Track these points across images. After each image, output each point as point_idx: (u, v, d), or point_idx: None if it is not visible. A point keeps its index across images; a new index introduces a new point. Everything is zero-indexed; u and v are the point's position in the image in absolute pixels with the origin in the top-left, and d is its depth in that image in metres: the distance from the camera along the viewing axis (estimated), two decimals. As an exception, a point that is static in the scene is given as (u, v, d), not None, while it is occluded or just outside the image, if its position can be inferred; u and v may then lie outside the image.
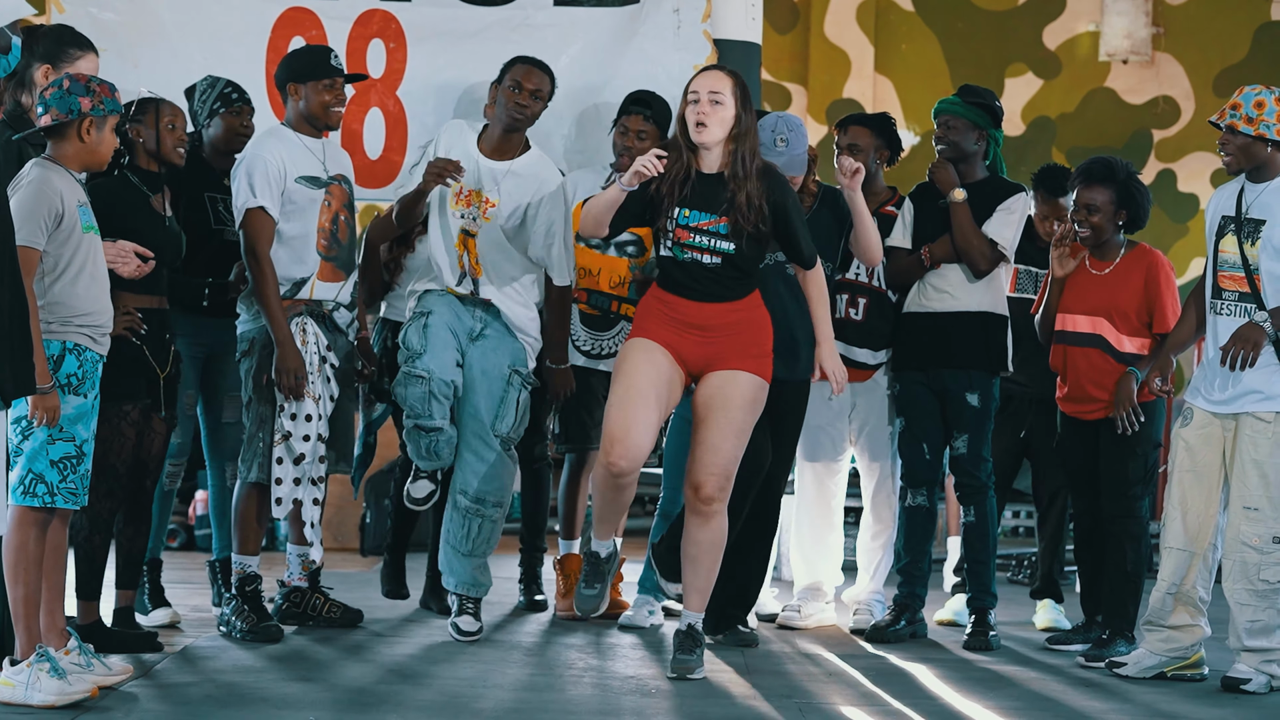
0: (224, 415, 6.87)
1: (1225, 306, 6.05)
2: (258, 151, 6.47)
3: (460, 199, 6.58)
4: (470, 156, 6.59)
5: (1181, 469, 6.15)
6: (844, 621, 7.33)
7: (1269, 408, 5.96)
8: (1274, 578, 5.96)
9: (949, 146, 6.97)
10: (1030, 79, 12.85)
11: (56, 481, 5.24)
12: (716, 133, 5.80)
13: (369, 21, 7.43)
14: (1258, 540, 5.96)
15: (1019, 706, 5.63)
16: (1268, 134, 5.98)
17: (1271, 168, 6.03)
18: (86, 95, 5.34)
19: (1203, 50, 12.85)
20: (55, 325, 5.25)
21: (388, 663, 6.09)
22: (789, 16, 12.83)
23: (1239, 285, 6.02)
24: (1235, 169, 6.07)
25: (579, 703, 5.45)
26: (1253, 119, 5.98)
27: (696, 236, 5.78)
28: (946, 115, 6.98)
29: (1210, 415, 6.08)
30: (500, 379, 6.54)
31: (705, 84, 5.82)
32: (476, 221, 6.57)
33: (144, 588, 6.77)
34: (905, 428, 7.05)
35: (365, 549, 9.99)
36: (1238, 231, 6.03)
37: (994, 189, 6.95)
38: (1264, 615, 5.97)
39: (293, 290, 6.48)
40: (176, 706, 5.20)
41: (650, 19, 7.52)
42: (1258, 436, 5.97)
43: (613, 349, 7.06)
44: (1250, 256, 5.99)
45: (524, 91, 6.59)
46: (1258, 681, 5.95)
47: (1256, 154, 6.02)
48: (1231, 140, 6.03)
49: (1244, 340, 5.91)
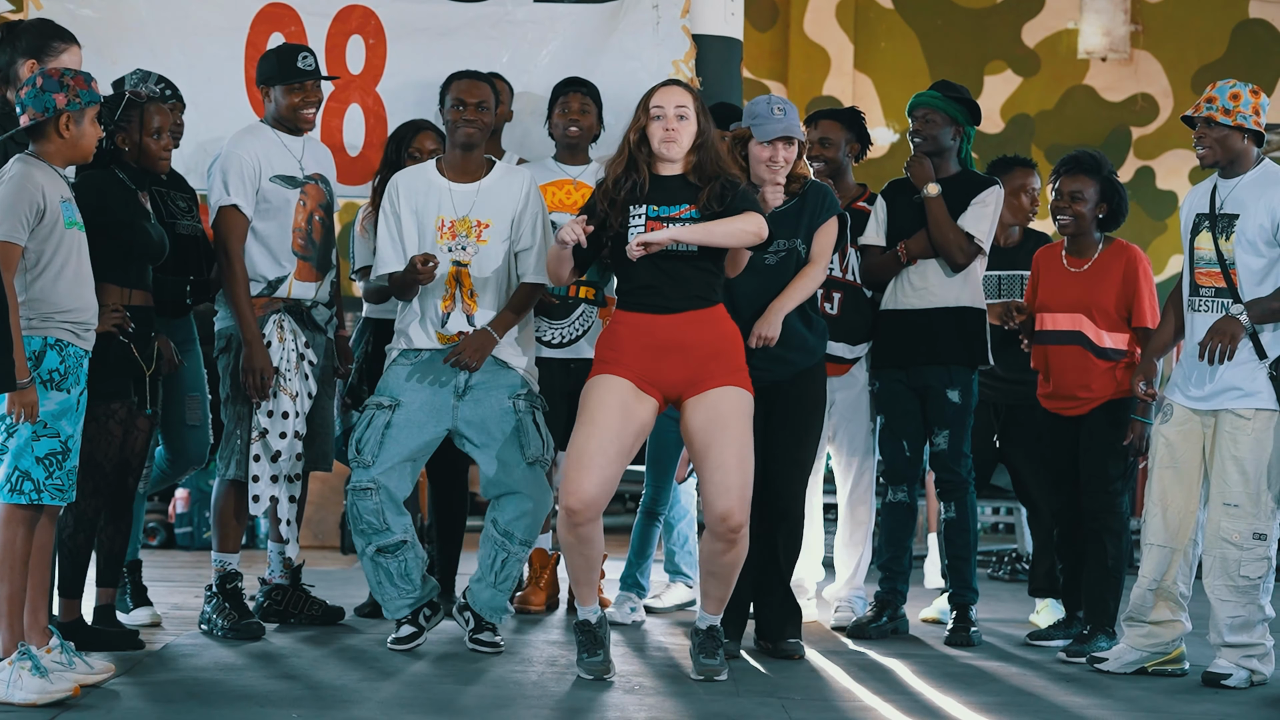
0: (186, 418, 6.73)
1: (1203, 303, 6.07)
2: (233, 149, 6.46)
3: (445, 232, 6.31)
4: (437, 186, 6.36)
5: (1162, 465, 6.16)
6: (825, 618, 7.34)
7: (1249, 404, 5.97)
8: (1254, 573, 5.98)
9: (926, 140, 6.96)
10: (1009, 76, 12.90)
11: (43, 478, 5.22)
12: (685, 146, 5.82)
13: (348, 18, 7.42)
14: (1238, 536, 5.98)
15: (999, 702, 5.64)
16: (1245, 124, 6.01)
17: (1244, 161, 6.06)
18: (61, 91, 5.31)
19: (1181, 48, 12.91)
20: (36, 321, 5.23)
21: (369, 660, 6.08)
22: (769, 14, 12.86)
23: (1215, 281, 6.04)
24: (1211, 162, 6.09)
25: (561, 699, 5.44)
26: (1229, 110, 6.01)
27: (670, 225, 5.76)
28: (925, 109, 6.97)
29: (1190, 412, 6.10)
30: (507, 416, 6.28)
31: (670, 99, 5.81)
32: (468, 250, 6.31)
33: (125, 587, 6.75)
34: (885, 425, 7.05)
35: (345, 546, 9.99)
36: (1212, 228, 6.05)
37: (967, 183, 6.95)
38: (1244, 611, 5.99)
39: (269, 289, 6.47)
40: (158, 704, 5.19)
41: (629, 15, 7.51)
42: (1237, 433, 5.98)
43: (572, 336, 6.99)
44: (1225, 252, 6.01)
45: (469, 107, 6.35)
46: (1238, 677, 5.96)
47: (1233, 146, 6.04)
48: (1209, 133, 6.05)
49: (1221, 333, 5.93)
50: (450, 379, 6.28)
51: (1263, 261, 5.97)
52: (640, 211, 5.78)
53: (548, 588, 7.40)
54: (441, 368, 6.27)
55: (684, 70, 7.37)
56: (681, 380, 5.75)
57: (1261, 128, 6.06)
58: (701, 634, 5.87)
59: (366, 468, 6.19)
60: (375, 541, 6.22)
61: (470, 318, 6.29)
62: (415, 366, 6.31)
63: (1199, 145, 6.08)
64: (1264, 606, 6.00)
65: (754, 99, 6.48)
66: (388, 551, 6.23)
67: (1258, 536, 5.98)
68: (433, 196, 6.33)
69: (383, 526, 6.19)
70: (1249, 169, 6.06)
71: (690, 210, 5.76)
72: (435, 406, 6.27)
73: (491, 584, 6.32)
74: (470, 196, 6.35)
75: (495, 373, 6.30)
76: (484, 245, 6.32)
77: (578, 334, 6.98)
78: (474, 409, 6.27)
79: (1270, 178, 6.04)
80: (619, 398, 5.73)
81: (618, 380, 5.75)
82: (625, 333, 5.80)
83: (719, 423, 5.71)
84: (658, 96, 5.84)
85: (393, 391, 6.29)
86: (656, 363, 5.74)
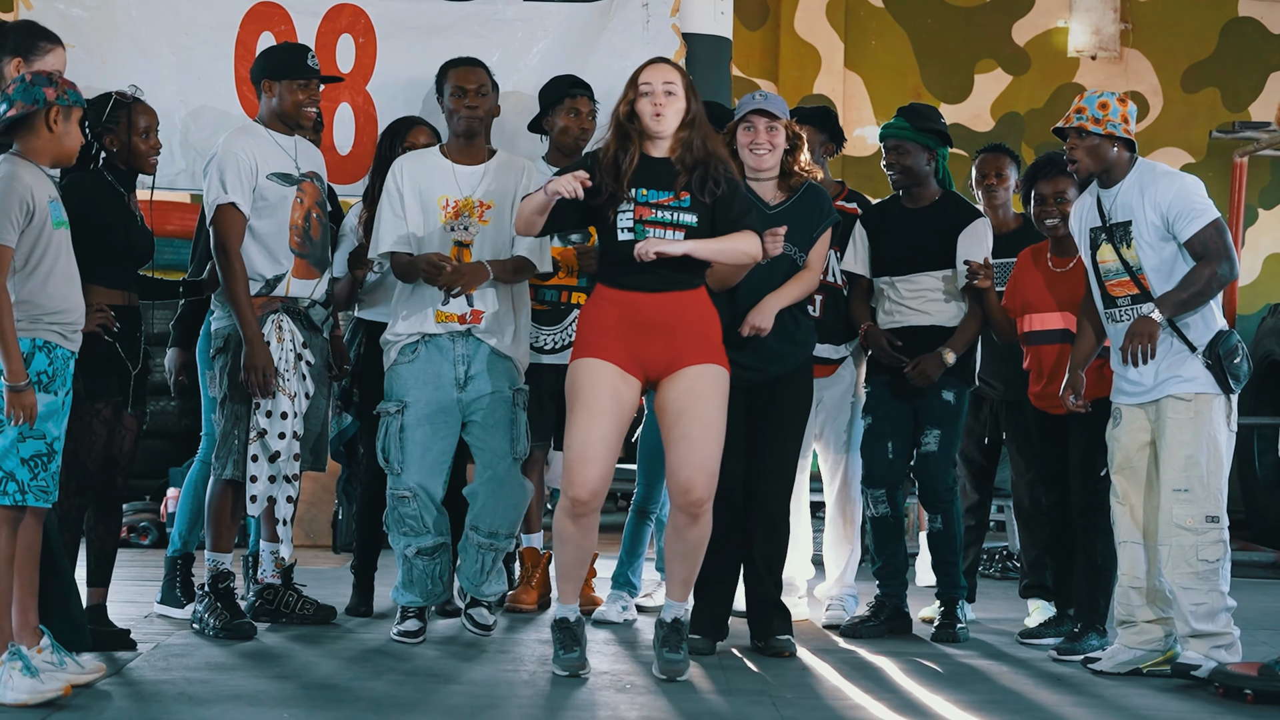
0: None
1: (1122, 313, 6.13)
2: (229, 148, 6.45)
3: (448, 212, 6.42)
4: (442, 168, 6.48)
5: (1119, 469, 6.23)
6: (816, 616, 7.34)
7: (1188, 389, 6.02)
8: (1213, 556, 6.00)
9: (901, 173, 7.00)
10: (999, 75, 12.89)
11: (28, 480, 5.22)
12: (673, 122, 5.82)
13: (338, 17, 7.42)
14: (1191, 521, 6.00)
15: (990, 700, 5.64)
16: (1115, 132, 6.06)
17: (1119, 168, 6.13)
18: (51, 86, 5.31)
19: (1170, 46, 12.92)
20: (25, 323, 5.21)
21: (360, 660, 6.08)
22: (760, 12, 12.85)
23: (1129, 289, 6.11)
24: (1084, 172, 6.15)
25: (553, 698, 5.45)
26: (1099, 119, 6.07)
27: (659, 212, 5.77)
28: (895, 140, 7.00)
29: (1136, 409, 6.13)
30: (506, 405, 6.44)
31: (658, 75, 5.84)
32: (470, 230, 6.41)
33: (175, 582, 6.89)
34: (871, 426, 7.05)
35: (338, 546, 9.96)
36: (1110, 239, 6.09)
37: (954, 208, 7.00)
38: (1207, 598, 5.99)
39: (267, 287, 6.46)
40: (149, 704, 5.18)
41: (619, 13, 7.53)
42: (1179, 418, 6.02)
43: (564, 343, 7.01)
44: (1130, 259, 6.07)
45: (469, 94, 6.49)
46: (1207, 667, 5.95)
47: (1104, 154, 6.11)
48: (1080, 143, 6.11)
49: (1139, 335, 5.97)
50: (451, 372, 6.39)
51: (1164, 258, 6.03)
52: (629, 195, 5.78)
53: (539, 587, 7.40)
54: (441, 361, 6.38)
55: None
56: (664, 360, 5.79)
57: (1131, 135, 6.11)
58: (666, 626, 5.87)
59: (398, 475, 6.37)
60: (415, 544, 6.41)
61: (470, 298, 6.38)
62: (414, 364, 6.39)
63: (1070, 155, 6.13)
64: (1225, 594, 6.02)
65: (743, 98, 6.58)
66: (426, 554, 6.42)
67: (1210, 520, 6.00)
68: (437, 177, 6.44)
69: (422, 530, 6.39)
70: (1126, 174, 6.12)
71: (682, 198, 5.77)
72: (442, 404, 6.39)
73: (481, 583, 6.50)
74: (474, 178, 6.48)
75: (493, 361, 6.43)
76: (485, 226, 6.43)
77: (570, 340, 6.98)
78: (476, 394, 6.41)
79: (1148, 175, 6.10)
80: (610, 385, 5.76)
81: (605, 366, 5.77)
82: (610, 310, 5.82)
83: (693, 395, 5.75)
84: (646, 73, 5.85)
85: (399, 394, 6.41)
86: (641, 341, 5.77)
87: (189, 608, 6.81)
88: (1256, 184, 12.82)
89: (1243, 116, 12.69)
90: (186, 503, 7.01)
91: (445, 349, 6.41)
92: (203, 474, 6.95)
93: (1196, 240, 5.97)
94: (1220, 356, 6.00)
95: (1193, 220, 5.98)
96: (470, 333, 6.42)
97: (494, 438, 6.41)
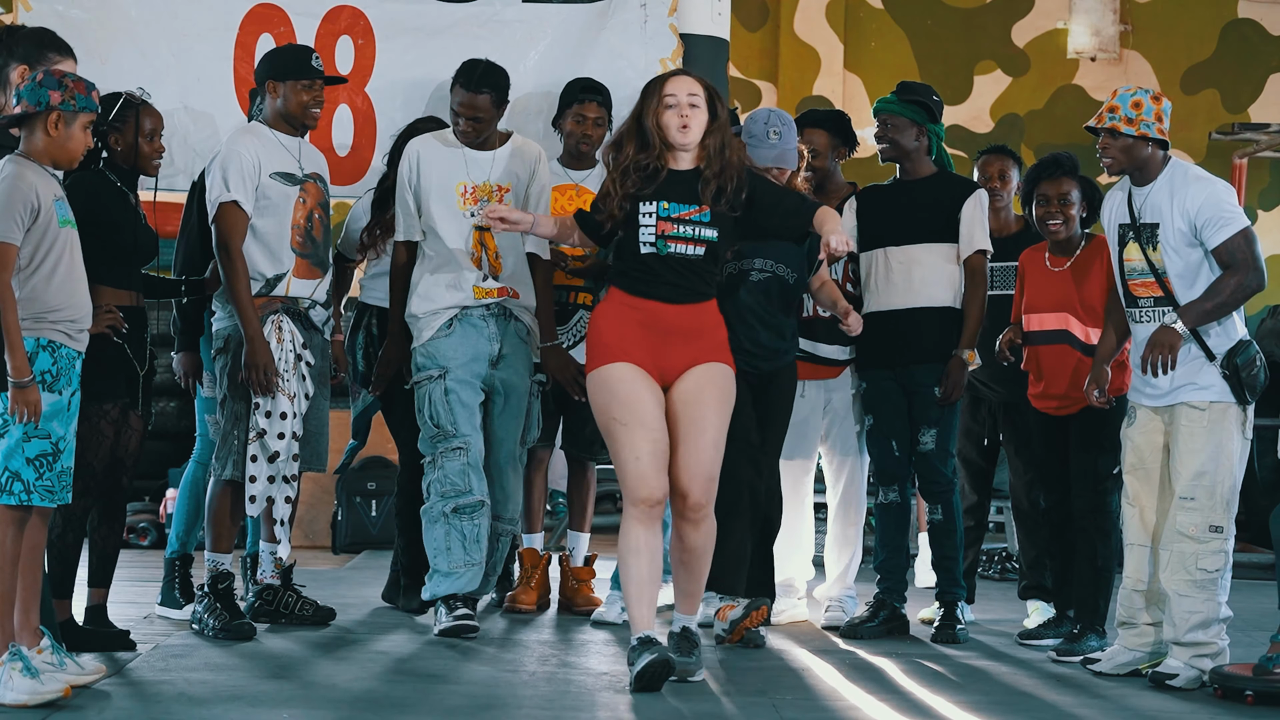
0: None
1: (1144, 314, 6.10)
2: (233, 147, 6.46)
3: (467, 198, 6.54)
4: (456, 153, 6.58)
5: (1130, 468, 6.20)
6: (816, 617, 7.34)
7: (1203, 397, 5.98)
8: (1212, 566, 5.98)
9: (890, 145, 7.05)
10: (999, 76, 12.90)
11: (33, 479, 5.21)
12: (697, 135, 5.78)
13: (337, 18, 7.43)
14: (1194, 529, 5.98)
15: (989, 701, 5.64)
16: (1149, 133, 6.01)
17: (1152, 168, 6.07)
18: (58, 89, 5.30)
19: (1170, 47, 12.93)
20: (29, 322, 5.20)
21: (359, 660, 6.08)
22: (759, 14, 12.86)
23: (1152, 290, 6.06)
24: (1116, 171, 6.11)
25: (551, 699, 5.45)
26: (1133, 119, 6.01)
27: (680, 227, 5.74)
28: (885, 114, 7.08)
29: (1151, 411, 6.11)
30: (526, 394, 6.65)
31: (682, 88, 5.78)
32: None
33: (174, 583, 6.89)
34: (873, 425, 7.06)
35: (337, 547, 9.98)
36: (1137, 238, 6.06)
37: (949, 184, 7.02)
38: (1204, 607, 5.97)
39: (268, 287, 6.46)
40: (149, 705, 5.18)
41: (617, 14, 7.54)
42: (1193, 426, 6.00)
43: (573, 340, 7.02)
44: (1155, 262, 6.03)
45: (467, 120, 6.60)
46: (1185, 677, 5.93)
47: (1138, 154, 6.05)
48: (1113, 143, 6.05)
49: (1160, 345, 5.93)
50: (487, 348, 6.55)
51: (1190, 263, 5.98)
52: (651, 210, 5.74)
53: (539, 587, 7.40)
54: (478, 337, 6.53)
55: (671, 69, 7.37)
56: (681, 366, 5.76)
57: (1165, 134, 6.05)
58: (676, 636, 5.85)
59: (451, 435, 6.44)
60: (455, 501, 6.44)
61: (497, 278, 6.54)
62: (451, 337, 6.52)
63: (1103, 155, 6.08)
64: (1222, 605, 6.00)
65: (753, 113, 6.61)
66: (464, 512, 6.46)
67: (1214, 530, 5.98)
68: (453, 163, 6.57)
69: (466, 487, 6.45)
70: (1158, 175, 6.07)
71: (703, 212, 5.76)
72: (478, 373, 6.54)
73: (490, 571, 6.68)
74: (488, 163, 6.60)
75: (519, 347, 6.62)
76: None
77: (577, 339, 7.00)
78: (506, 380, 6.58)
79: (1179, 179, 6.04)
80: (647, 385, 5.71)
81: (636, 370, 5.71)
82: (630, 315, 5.75)
83: (697, 403, 5.72)
84: (670, 85, 5.80)
85: (439, 361, 6.51)
86: (663, 347, 5.74)
87: (188, 609, 6.82)
88: (1256, 186, 12.83)
89: (1242, 118, 12.69)
90: (183, 504, 7.02)
91: (480, 326, 6.55)
92: (198, 475, 6.96)
93: (1224, 249, 5.92)
94: (1238, 366, 5.96)
95: (1221, 228, 5.92)
96: (504, 309, 6.56)
97: (509, 423, 6.60)
